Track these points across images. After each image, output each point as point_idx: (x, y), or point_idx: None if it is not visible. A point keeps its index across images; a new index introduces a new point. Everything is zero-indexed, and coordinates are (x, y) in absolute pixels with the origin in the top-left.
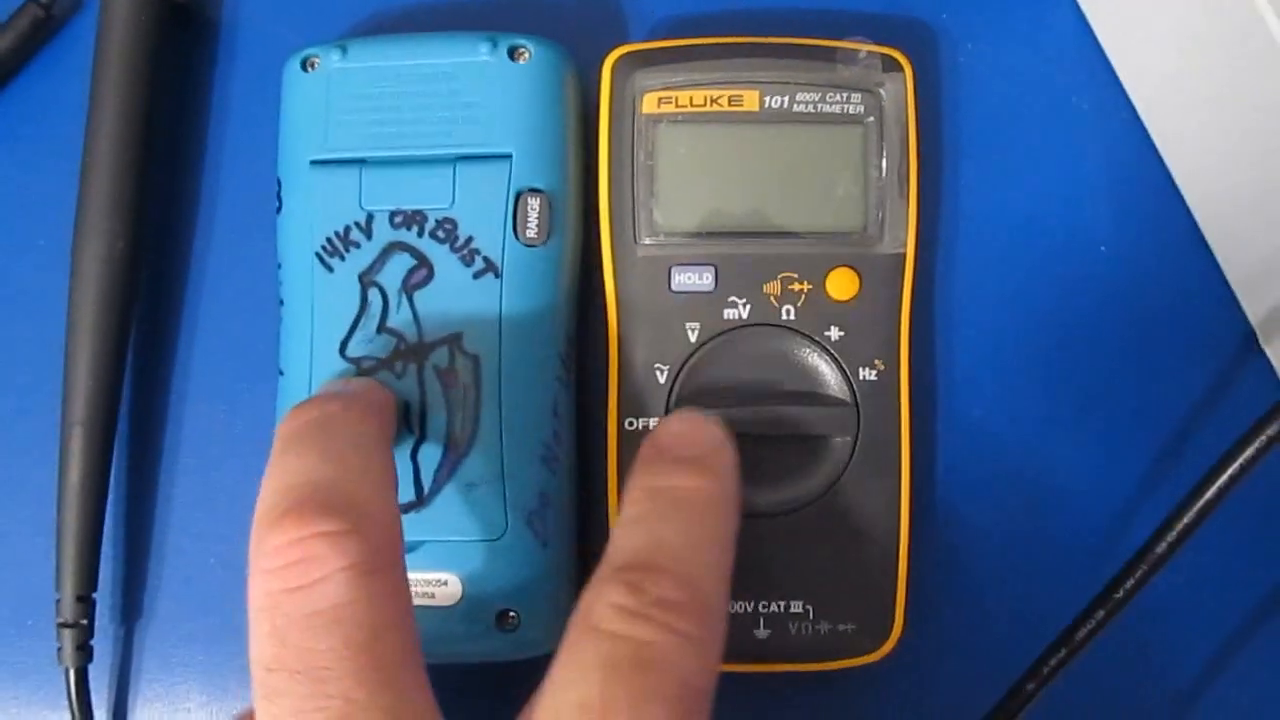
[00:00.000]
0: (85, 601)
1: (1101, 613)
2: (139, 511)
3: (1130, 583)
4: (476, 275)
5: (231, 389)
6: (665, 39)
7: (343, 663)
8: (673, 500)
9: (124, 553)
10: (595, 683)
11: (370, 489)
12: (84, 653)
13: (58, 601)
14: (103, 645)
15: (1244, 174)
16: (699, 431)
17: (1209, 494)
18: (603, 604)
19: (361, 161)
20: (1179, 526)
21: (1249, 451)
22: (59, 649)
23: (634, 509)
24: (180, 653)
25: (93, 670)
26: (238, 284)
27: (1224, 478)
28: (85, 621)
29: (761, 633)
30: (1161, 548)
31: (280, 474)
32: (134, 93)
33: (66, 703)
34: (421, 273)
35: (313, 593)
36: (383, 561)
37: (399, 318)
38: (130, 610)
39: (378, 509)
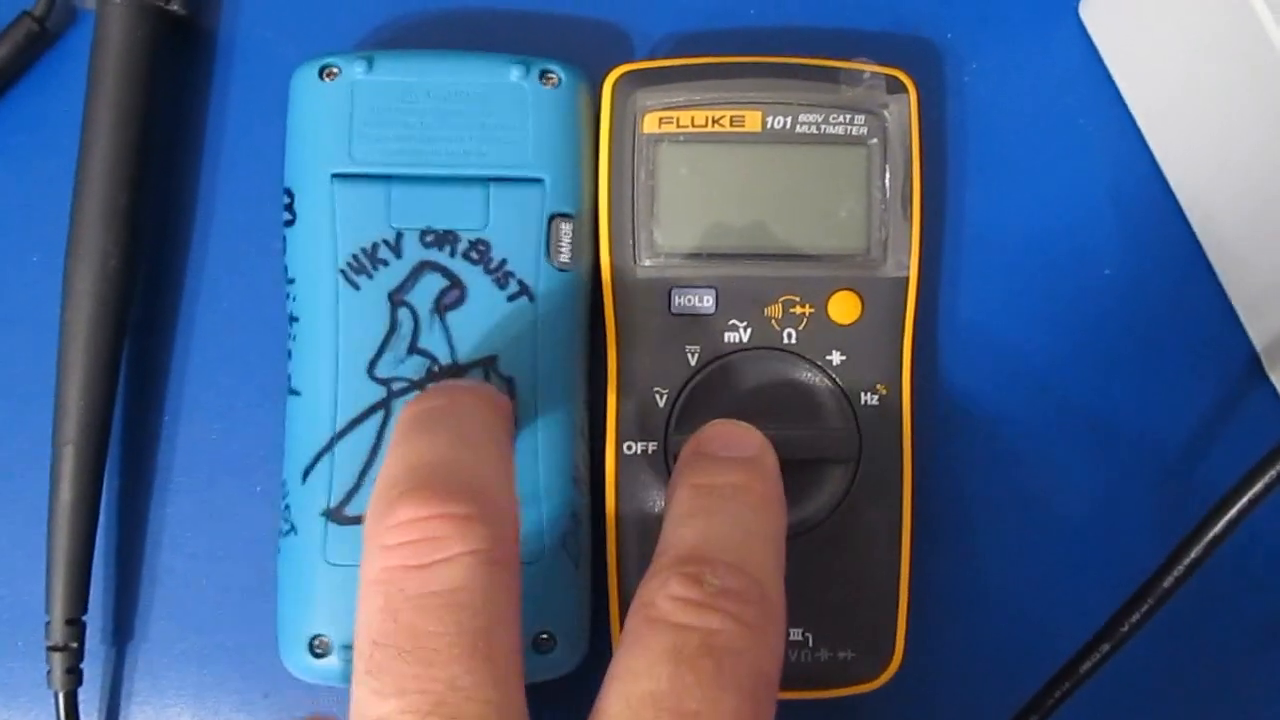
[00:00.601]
0: (75, 624)
1: (1106, 646)
2: (130, 532)
3: (1136, 616)
4: (511, 298)
5: (225, 408)
6: (667, 58)
7: (454, 648)
8: (723, 496)
9: (115, 574)
10: (665, 674)
11: (498, 479)
12: (74, 676)
13: (47, 624)
14: (93, 668)
15: (1249, 197)
16: (742, 435)
17: (1216, 529)
18: (664, 596)
19: (389, 178)
20: (1185, 561)
21: (1257, 486)
22: (48, 672)
23: (683, 506)
24: (172, 675)
25: (83, 693)
26: (233, 301)
27: (1232, 512)
28: (75, 645)
29: None
30: (1168, 582)
31: (407, 452)
32: (129, 106)
33: None
34: (454, 294)
35: (432, 573)
36: (504, 554)
37: (431, 338)
38: (121, 632)
39: (504, 500)
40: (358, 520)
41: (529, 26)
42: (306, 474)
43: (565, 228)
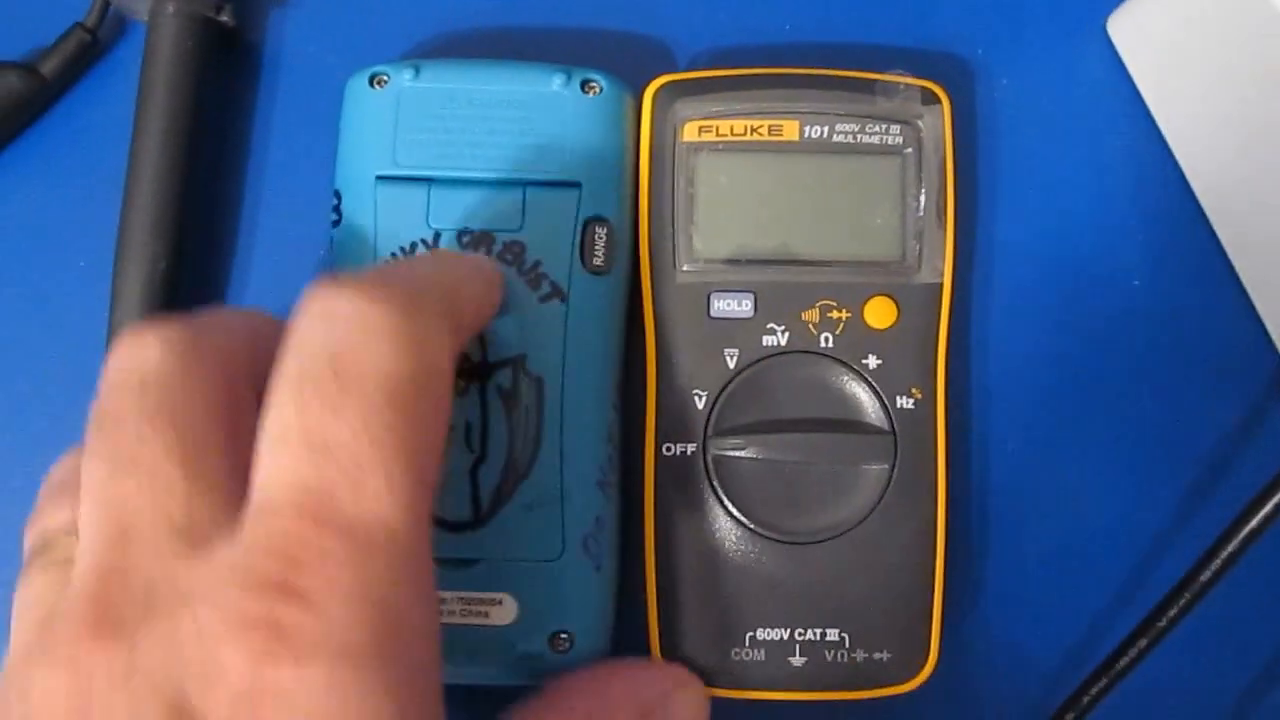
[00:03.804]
0: None
1: (1144, 641)
2: None
3: (1173, 611)
4: (543, 299)
5: None
6: (706, 69)
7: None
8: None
9: None
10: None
11: None
12: None
13: None
14: None
15: (1276, 211)
16: None
17: (1254, 522)
18: None
19: (430, 180)
20: (1223, 554)
21: None
22: None
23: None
24: None
25: None
26: (281, 305)
27: (1269, 505)
28: None
29: (797, 660)
30: (1205, 575)
31: None
32: (178, 115)
33: None
34: None
35: None
36: None
37: None
38: None
39: None
40: None
41: (573, 40)
42: None
43: (600, 231)
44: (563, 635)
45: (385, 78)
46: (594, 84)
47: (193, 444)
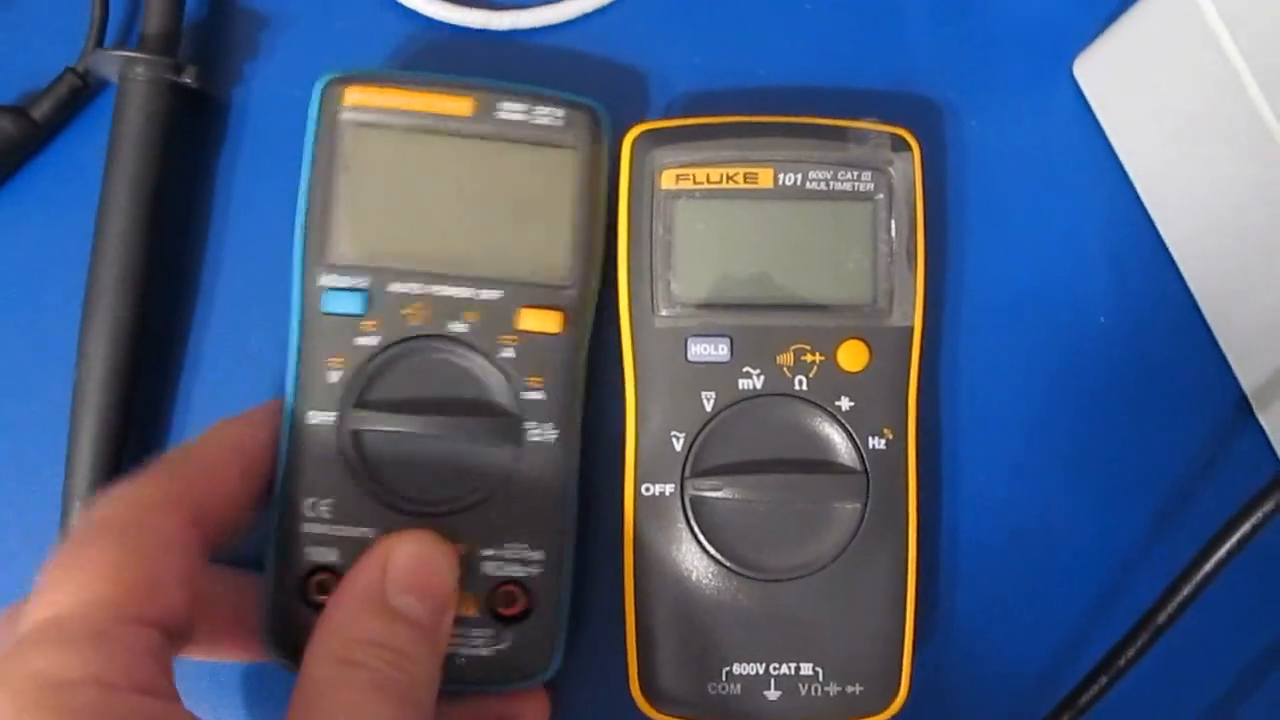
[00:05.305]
0: None
1: (1104, 679)
2: None
3: (1131, 651)
4: None
5: None
6: (683, 117)
7: None
8: None
9: None
10: None
11: None
12: None
13: None
14: None
15: (1238, 248)
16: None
17: (1208, 567)
18: None
19: None
20: (1178, 598)
21: (1245, 527)
22: None
23: None
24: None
25: None
26: (242, 360)
27: (1222, 551)
28: None
29: (772, 694)
30: (1162, 618)
31: None
32: (145, 180)
33: None
34: None
35: None
36: None
37: None
38: None
39: None
40: None
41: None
42: None
43: None
44: None
45: None
46: None
47: None
